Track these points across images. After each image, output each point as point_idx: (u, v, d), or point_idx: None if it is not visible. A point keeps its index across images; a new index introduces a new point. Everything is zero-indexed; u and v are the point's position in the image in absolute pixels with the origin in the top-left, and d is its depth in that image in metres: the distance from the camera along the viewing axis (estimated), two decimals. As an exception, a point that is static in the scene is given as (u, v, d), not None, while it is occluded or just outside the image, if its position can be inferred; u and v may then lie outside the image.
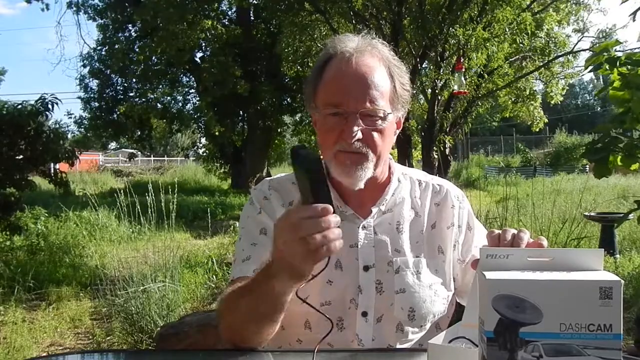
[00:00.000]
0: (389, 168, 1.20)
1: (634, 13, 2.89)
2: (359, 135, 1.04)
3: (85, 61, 16.22)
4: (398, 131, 1.18)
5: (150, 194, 4.44)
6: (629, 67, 2.34)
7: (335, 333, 1.09)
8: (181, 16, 12.79)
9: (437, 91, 8.84)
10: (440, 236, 1.17)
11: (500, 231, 0.96)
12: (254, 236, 1.13)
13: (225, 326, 1.05)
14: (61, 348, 3.72)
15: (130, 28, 15.79)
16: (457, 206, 1.20)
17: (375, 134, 1.07)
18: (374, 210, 1.15)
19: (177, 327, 2.90)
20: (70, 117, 16.69)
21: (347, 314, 1.10)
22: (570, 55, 10.66)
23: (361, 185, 1.09)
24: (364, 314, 1.10)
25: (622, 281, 0.66)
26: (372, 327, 1.10)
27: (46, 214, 7.41)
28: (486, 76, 9.49)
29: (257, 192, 1.20)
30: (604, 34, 15.05)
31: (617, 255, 5.29)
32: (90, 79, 16.55)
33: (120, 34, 15.90)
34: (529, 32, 8.70)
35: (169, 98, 16.38)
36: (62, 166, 6.71)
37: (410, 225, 1.17)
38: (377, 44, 1.12)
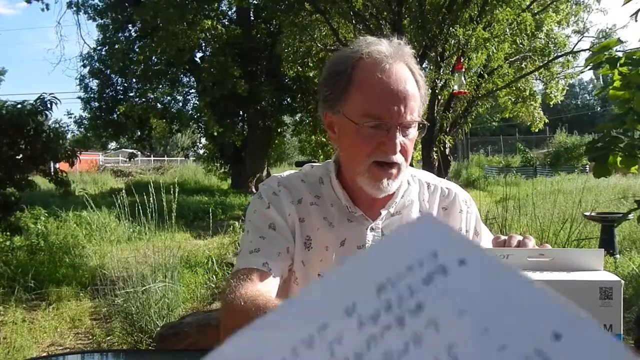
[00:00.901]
0: None
1: (635, 14, 2.89)
2: (399, 147, 1.04)
3: (85, 61, 16.23)
4: None
5: (151, 194, 4.44)
6: (629, 67, 2.34)
7: None
8: (181, 16, 12.80)
9: (437, 91, 8.84)
10: None
11: (505, 237, 0.95)
12: (263, 230, 1.11)
13: (229, 331, 1.01)
14: (61, 348, 3.72)
15: (130, 28, 15.78)
16: (464, 210, 1.19)
17: (408, 143, 1.07)
18: (383, 212, 1.14)
19: (177, 327, 2.90)
20: (70, 117, 16.69)
21: None
22: (570, 55, 10.68)
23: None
24: None
25: (622, 281, 0.66)
26: None
27: (46, 214, 7.41)
28: (486, 76, 9.50)
29: (266, 187, 1.17)
30: (604, 34, 15.05)
31: (617, 255, 5.29)
32: (90, 79, 16.55)
33: (120, 34, 15.90)
34: (529, 32, 8.71)
35: (169, 98, 16.39)
36: (63, 165, 6.71)
37: None
38: (405, 48, 1.10)
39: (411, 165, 1.17)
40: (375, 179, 1.07)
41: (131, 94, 16.38)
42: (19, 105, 5.85)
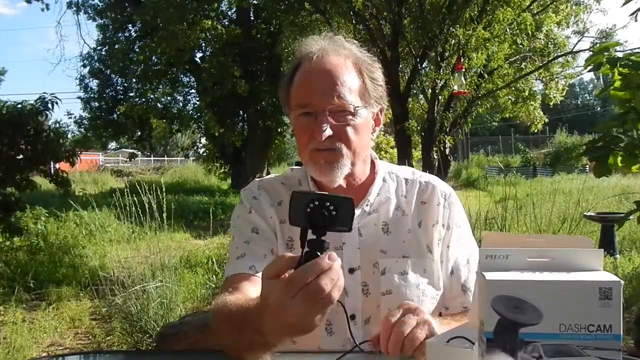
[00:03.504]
0: (373, 167, 1.19)
1: (635, 13, 2.89)
2: (329, 132, 1.04)
3: (85, 61, 16.22)
4: (378, 129, 1.18)
5: (153, 194, 4.43)
6: (629, 68, 2.34)
7: (325, 337, 1.09)
8: (181, 16, 12.80)
9: (437, 91, 8.85)
10: (426, 235, 1.15)
11: (395, 318, 0.94)
12: (246, 235, 1.14)
13: (217, 336, 1.02)
14: (61, 348, 3.72)
15: (130, 28, 15.79)
16: (442, 204, 1.18)
17: (348, 129, 1.06)
18: (358, 211, 1.14)
19: (177, 327, 2.89)
20: (70, 117, 16.66)
21: (335, 318, 1.08)
22: (570, 55, 10.69)
23: (339, 182, 1.09)
24: (352, 317, 1.10)
25: (622, 282, 0.66)
26: (361, 329, 1.10)
27: (46, 214, 7.41)
28: (486, 76, 9.51)
29: (246, 192, 1.20)
30: (604, 34, 15.05)
31: (617, 255, 5.29)
32: (90, 79, 16.55)
33: (120, 34, 15.90)
34: (529, 32, 8.72)
35: (169, 98, 16.39)
36: (63, 165, 6.71)
37: (397, 225, 1.15)
38: (342, 42, 1.13)
39: (411, 165, 1.17)
40: (316, 164, 1.08)
41: (131, 94, 16.38)
42: (19, 106, 5.85)
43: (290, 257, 0.77)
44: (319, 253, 0.75)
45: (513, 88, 10.82)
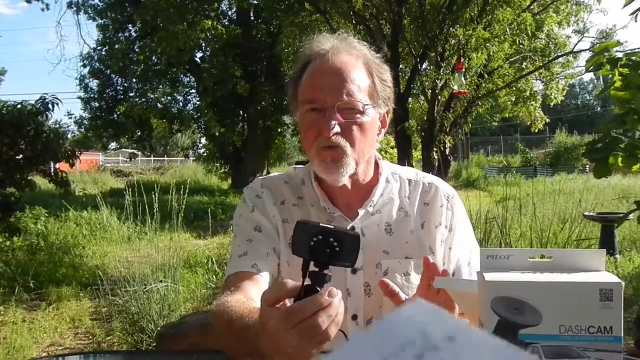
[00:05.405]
0: (377, 168, 1.19)
1: (635, 13, 2.88)
2: (337, 128, 1.04)
3: (85, 61, 16.22)
4: (384, 130, 1.18)
5: (155, 194, 4.43)
6: (629, 68, 2.34)
7: None
8: (181, 16, 12.80)
9: (437, 91, 8.85)
10: (429, 236, 1.16)
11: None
12: (249, 233, 1.13)
13: (217, 338, 1.04)
14: (61, 348, 3.72)
15: (130, 28, 15.78)
16: (445, 205, 1.18)
17: (354, 128, 1.06)
18: (361, 212, 1.14)
19: (177, 327, 2.90)
20: (71, 117, 16.68)
21: None
22: (570, 55, 10.68)
23: (344, 181, 1.09)
24: (354, 317, 1.10)
25: (623, 283, 0.66)
26: (362, 329, 1.10)
27: (46, 214, 7.40)
28: (486, 76, 9.50)
29: (249, 190, 1.20)
30: (604, 34, 15.04)
31: (617, 256, 5.28)
32: (90, 79, 16.53)
33: (120, 34, 15.90)
34: (529, 32, 8.72)
35: (169, 98, 16.38)
36: (63, 166, 6.70)
37: (400, 225, 1.15)
38: (353, 42, 1.13)
39: (411, 165, 1.17)
40: (322, 162, 1.07)
41: (131, 94, 16.38)
42: (19, 106, 5.85)
43: (290, 287, 0.76)
44: (318, 288, 0.74)
45: (513, 88, 10.82)
